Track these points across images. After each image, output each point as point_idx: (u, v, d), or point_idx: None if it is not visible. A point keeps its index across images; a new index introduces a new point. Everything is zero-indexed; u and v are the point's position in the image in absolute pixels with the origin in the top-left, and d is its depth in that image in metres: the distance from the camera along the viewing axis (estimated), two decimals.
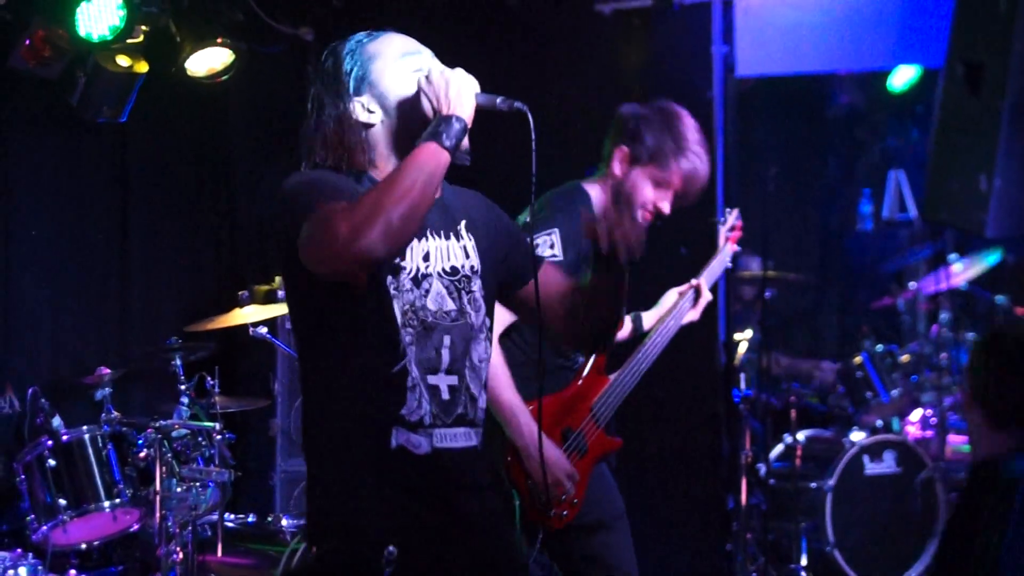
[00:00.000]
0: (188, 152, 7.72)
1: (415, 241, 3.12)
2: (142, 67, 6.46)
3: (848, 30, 7.44)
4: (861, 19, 7.41)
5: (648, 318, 4.91)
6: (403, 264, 3.11)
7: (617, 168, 4.44)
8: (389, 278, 3.09)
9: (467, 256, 3.23)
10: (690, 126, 4.46)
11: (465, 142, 3.10)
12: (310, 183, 3.08)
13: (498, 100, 3.14)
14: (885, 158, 9.55)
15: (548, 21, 7.43)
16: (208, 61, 6.72)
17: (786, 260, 8.81)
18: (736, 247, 5.04)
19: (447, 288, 3.17)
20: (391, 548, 3.02)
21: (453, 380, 3.14)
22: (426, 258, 3.15)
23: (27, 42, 6.21)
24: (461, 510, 3.16)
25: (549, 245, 4.22)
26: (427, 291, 3.13)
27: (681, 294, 4.90)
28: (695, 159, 4.43)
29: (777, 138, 9.45)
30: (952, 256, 7.86)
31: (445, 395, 3.13)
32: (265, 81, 7.16)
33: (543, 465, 3.90)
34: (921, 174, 8.53)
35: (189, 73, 6.70)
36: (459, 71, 3.13)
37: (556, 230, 4.26)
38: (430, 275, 3.14)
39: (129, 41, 6.29)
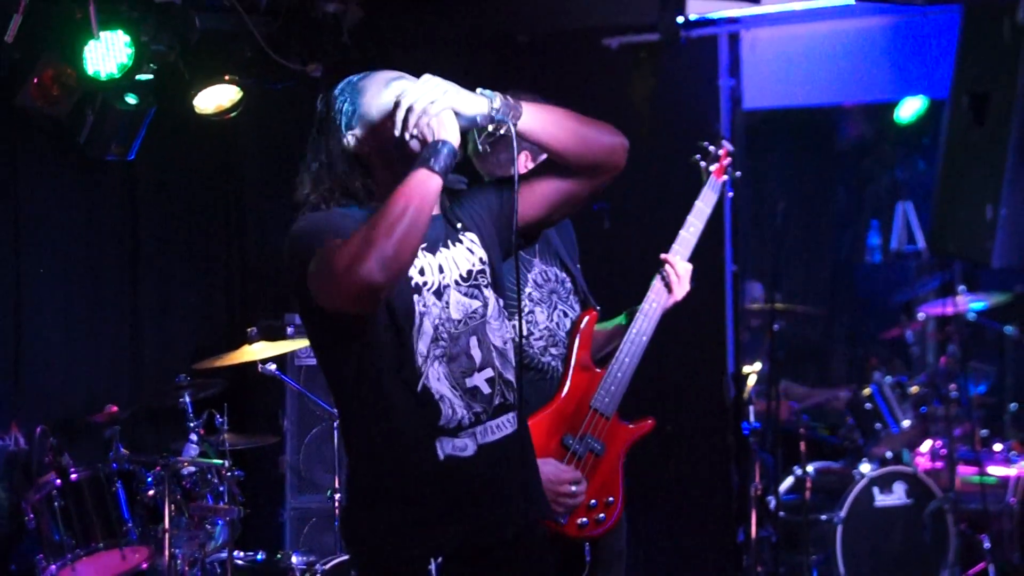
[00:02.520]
0: (197, 189, 7.73)
1: (429, 256, 3.26)
2: (150, 105, 6.48)
3: (854, 62, 7.46)
4: (867, 51, 7.42)
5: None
6: (424, 280, 3.23)
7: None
8: (416, 297, 3.20)
9: (472, 253, 3.36)
10: None
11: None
12: (311, 225, 3.20)
13: (478, 118, 3.22)
14: (893, 190, 9.55)
15: (557, 55, 7.44)
16: (216, 98, 6.74)
17: (795, 292, 8.81)
18: (722, 178, 4.69)
19: (466, 293, 3.29)
20: (431, 568, 3.11)
21: (489, 373, 3.26)
22: (440, 270, 3.27)
23: (35, 81, 6.24)
24: (504, 495, 3.27)
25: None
26: (448, 302, 3.25)
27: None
28: None
29: (785, 171, 9.46)
30: (961, 287, 7.84)
31: (486, 390, 3.25)
32: (274, 118, 7.17)
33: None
34: (929, 205, 8.54)
35: (198, 110, 6.71)
36: (429, 87, 3.16)
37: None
38: (448, 286, 3.26)
39: (137, 79, 6.32)
